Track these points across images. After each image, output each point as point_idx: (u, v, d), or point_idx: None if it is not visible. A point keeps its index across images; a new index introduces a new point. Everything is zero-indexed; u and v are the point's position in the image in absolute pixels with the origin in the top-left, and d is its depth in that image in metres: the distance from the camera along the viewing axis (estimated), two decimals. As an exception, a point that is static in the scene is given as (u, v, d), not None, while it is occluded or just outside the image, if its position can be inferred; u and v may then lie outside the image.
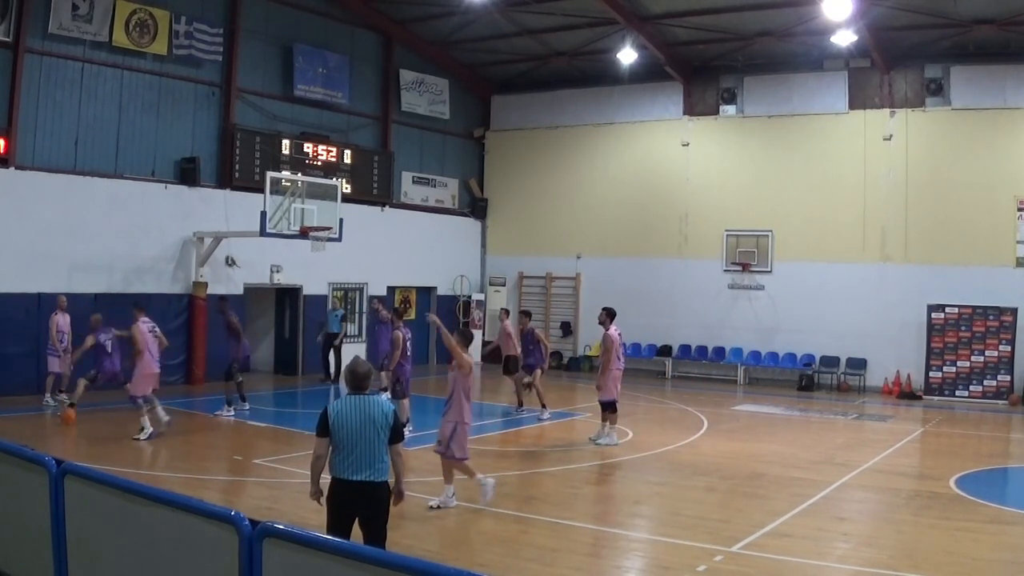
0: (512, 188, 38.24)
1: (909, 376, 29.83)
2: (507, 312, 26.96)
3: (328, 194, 27.50)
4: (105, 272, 25.72)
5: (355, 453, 9.11)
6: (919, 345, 29.59)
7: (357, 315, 33.11)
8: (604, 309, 20.31)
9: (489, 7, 30.43)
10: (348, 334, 31.79)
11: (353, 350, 30.76)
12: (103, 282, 25.68)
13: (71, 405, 20.39)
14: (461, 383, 13.98)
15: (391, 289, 34.78)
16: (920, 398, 29.08)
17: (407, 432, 17.62)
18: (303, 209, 26.13)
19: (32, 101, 24.35)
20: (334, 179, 29.54)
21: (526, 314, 25.82)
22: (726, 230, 33.10)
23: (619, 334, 20.23)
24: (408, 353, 20.16)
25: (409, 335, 20.43)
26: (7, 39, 23.72)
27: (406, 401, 20.07)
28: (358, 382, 9.45)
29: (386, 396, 18.93)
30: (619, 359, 20.11)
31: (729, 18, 30.16)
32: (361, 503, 9.21)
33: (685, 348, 33.87)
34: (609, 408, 19.73)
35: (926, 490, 16.18)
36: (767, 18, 29.86)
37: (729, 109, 33.81)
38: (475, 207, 38.66)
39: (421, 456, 16.45)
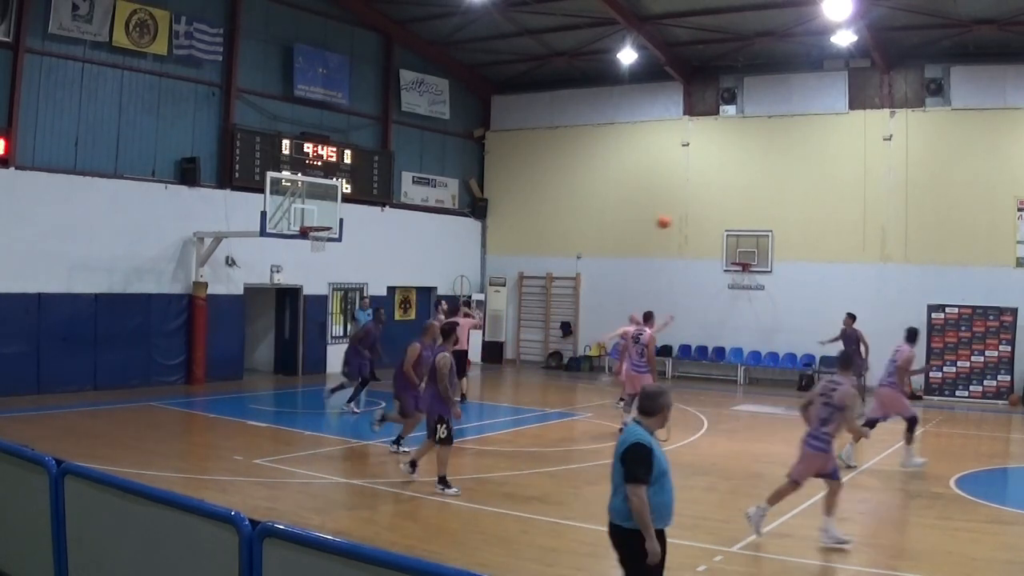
0: (512, 188, 38.25)
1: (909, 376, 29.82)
2: (853, 317, 25.65)
3: (328, 194, 27.51)
4: (105, 272, 25.70)
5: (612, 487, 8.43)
6: (919, 345, 29.55)
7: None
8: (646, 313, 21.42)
9: (489, 7, 30.43)
10: (335, 335, 31.94)
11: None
12: (103, 282, 25.67)
13: None
14: None
15: (391, 289, 34.77)
16: (920, 398, 29.02)
17: (374, 428, 18.32)
18: (303, 209, 26.14)
19: (32, 101, 24.34)
20: (334, 179, 29.55)
21: (851, 316, 25.54)
22: (726, 230, 33.11)
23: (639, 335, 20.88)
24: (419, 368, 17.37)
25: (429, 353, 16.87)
26: (7, 39, 23.72)
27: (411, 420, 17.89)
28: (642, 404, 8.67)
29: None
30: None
31: (729, 18, 30.17)
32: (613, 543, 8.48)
33: (685, 348, 33.84)
34: None
35: (926, 490, 16.18)
36: (767, 18, 29.87)
37: (729, 109, 33.82)
38: (475, 207, 38.67)
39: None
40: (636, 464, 8.12)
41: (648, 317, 21.62)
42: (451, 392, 15.31)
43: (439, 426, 15.16)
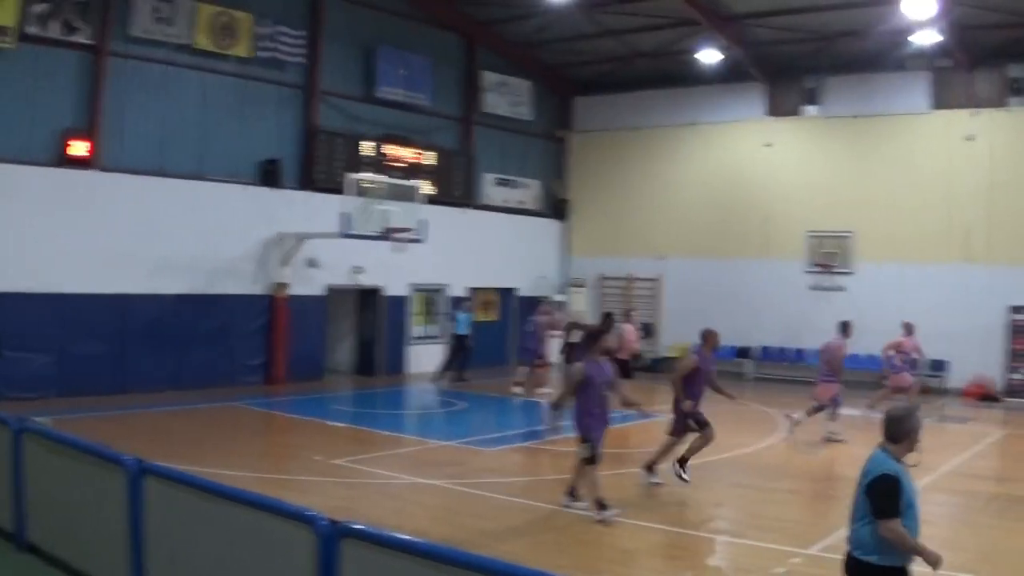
0: (594, 189, 38.13)
1: (990, 378, 29.47)
2: None
3: (409, 195, 27.61)
4: (187, 273, 25.92)
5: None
6: (1001, 347, 29.20)
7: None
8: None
9: (571, 8, 30.33)
10: (425, 336, 32.05)
11: (432, 351, 31.03)
12: (185, 283, 25.89)
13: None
14: None
15: (472, 290, 34.71)
16: (1000, 400, 28.68)
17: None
18: (385, 210, 26.25)
19: (115, 104, 24.63)
20: (415, 180, 29.54)
21: None
22: (808, 231, 32.81)
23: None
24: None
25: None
26: (90, 42, 24.04)
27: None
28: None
29: None
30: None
31: (811, 18, 29.87)
32: None
33: (766, 349, 33.61)
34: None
35: (1006, 493, 15.98)
36: (849, 18, 29.53)
37: (811, 109, 33.49)
38: (557, 208, 38.64)
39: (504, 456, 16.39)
40: (883, 498, 7.48)
41: (844, 327, 22.19)
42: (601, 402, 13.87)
43: (581, 444, 13.74)
